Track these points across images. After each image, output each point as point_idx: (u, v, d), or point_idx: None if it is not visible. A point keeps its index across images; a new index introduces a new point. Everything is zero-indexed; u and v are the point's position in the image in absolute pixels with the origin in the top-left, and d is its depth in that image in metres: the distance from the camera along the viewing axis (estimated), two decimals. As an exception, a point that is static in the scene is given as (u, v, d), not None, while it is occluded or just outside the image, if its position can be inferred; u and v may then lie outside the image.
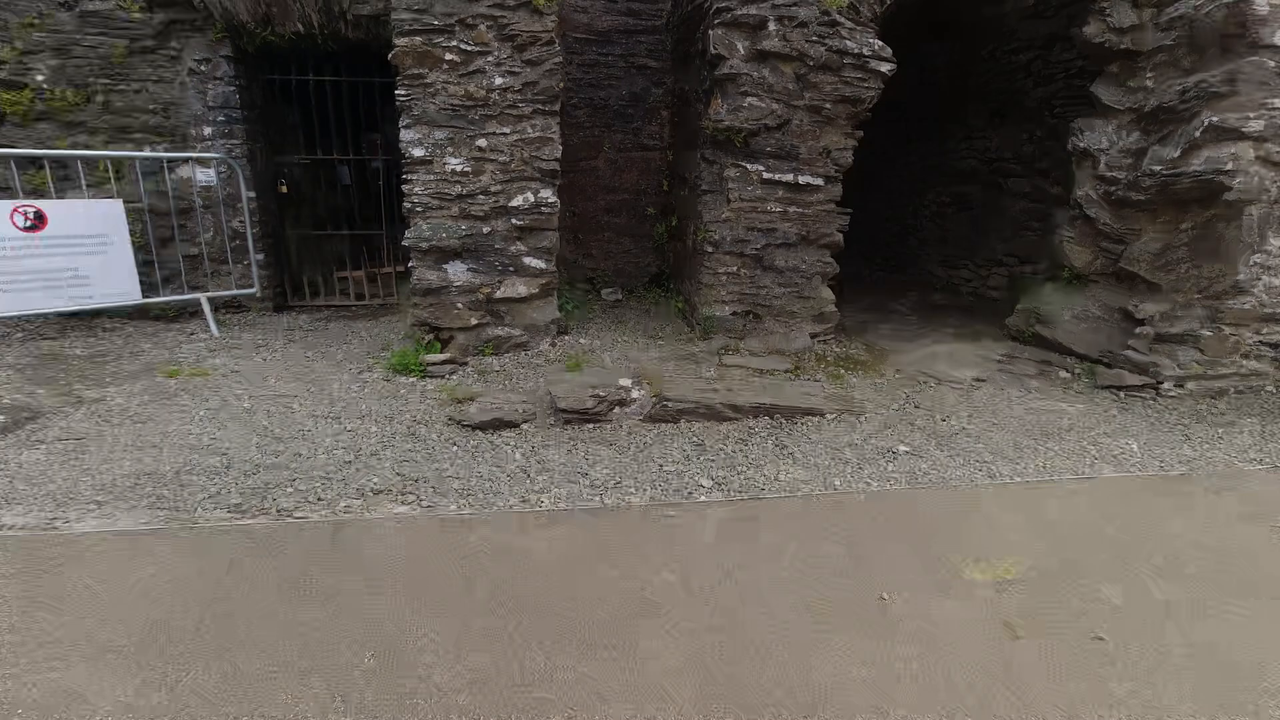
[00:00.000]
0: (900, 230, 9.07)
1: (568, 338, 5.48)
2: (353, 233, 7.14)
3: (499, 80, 4.71)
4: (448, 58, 4.62)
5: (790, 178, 5.20)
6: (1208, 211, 4.62)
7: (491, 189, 4.88)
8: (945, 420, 4.26)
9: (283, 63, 6.22)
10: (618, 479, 3.38)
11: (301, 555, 2.64)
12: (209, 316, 5.76)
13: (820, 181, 5.27)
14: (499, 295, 5.06)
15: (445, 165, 4.78)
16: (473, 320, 5.04)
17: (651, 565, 2.66)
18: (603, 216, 6.88)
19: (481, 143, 4.79)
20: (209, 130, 5.95)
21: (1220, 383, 4.77)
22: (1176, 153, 4.51)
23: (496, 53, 4.66)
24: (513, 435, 3.86)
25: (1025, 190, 6.85)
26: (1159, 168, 4.59)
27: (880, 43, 4.97)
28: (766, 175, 5.18)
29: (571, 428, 3.97)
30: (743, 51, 4.95)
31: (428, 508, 3.07)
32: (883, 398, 4.61)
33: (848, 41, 4.86)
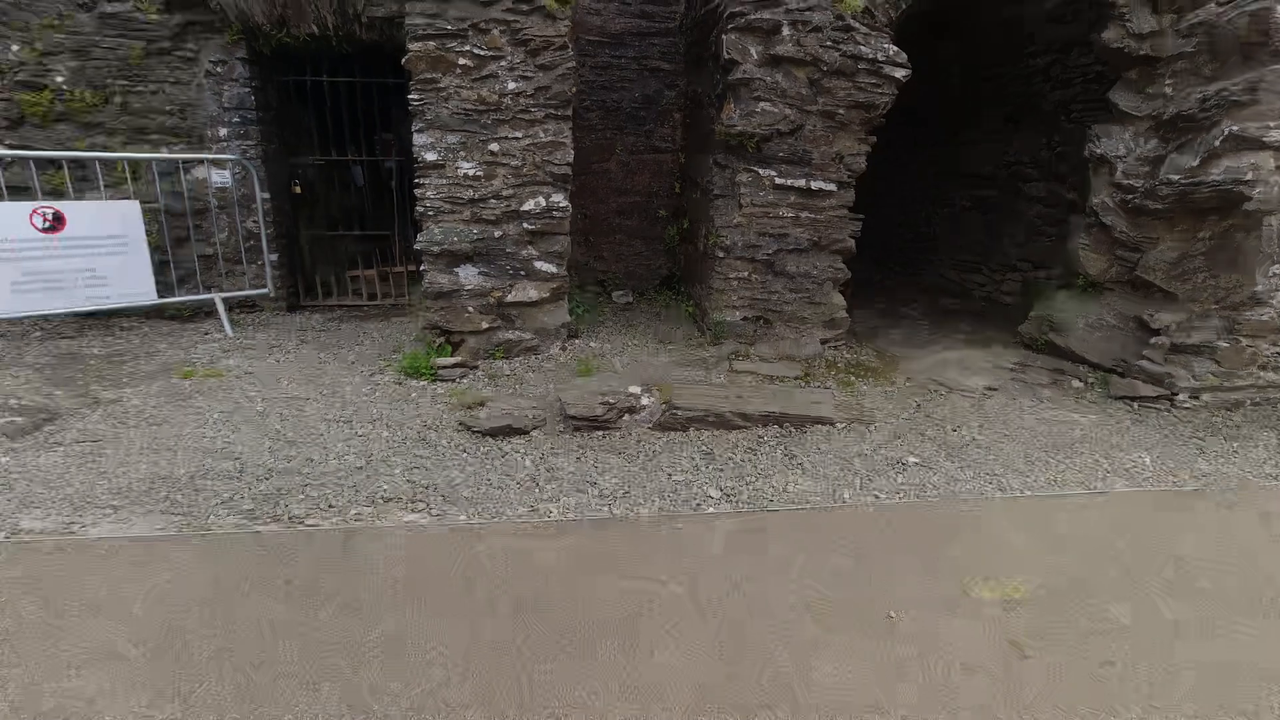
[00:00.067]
0: (913, 233, 9.01)
1: (578, 341, 5.49)
2: (365, 233, 7.17)
3: (512, 85, 4.71)
4: (461, 62, 4.63)
5: (803, 183, 5.18)
6: (1226, 221, 4.56)
7: (503, 193, 4.89)
8: (956, 431, 4.24)
9: (297, 63, 6.26)
10: (626, 488, 3.39)
11: (313, 564, 2.67)
12: (223, 317, 5.81)
13: (833, 187, 5.24)
14: (510, 299, 5.08)
15: (457, 169, 4.80)
16: (484, 324, 5.06)
17: (659, 579, 2.67)
18: (614, 219, 6.88)
19: (494, 147, 4.80)
20: (224, 131, 5.99)
21: (1236, 394, 4.71)
22: (1195, 161, 4.46)
23: (509, 57, 4.67)
24: (522, 442, 3.88)
25: (1041, 195, 6.79)
26: (1177, 176, 4.53)
27: (895, 48, 4.94)
28: (779, 181, 5.16)
29: (581, 435, 3.98)
30: (756, 56, 4.93)
31: (437, 516, 3.09)
32: (893, 406, 4.59)
33: (862, 47, 4.83)
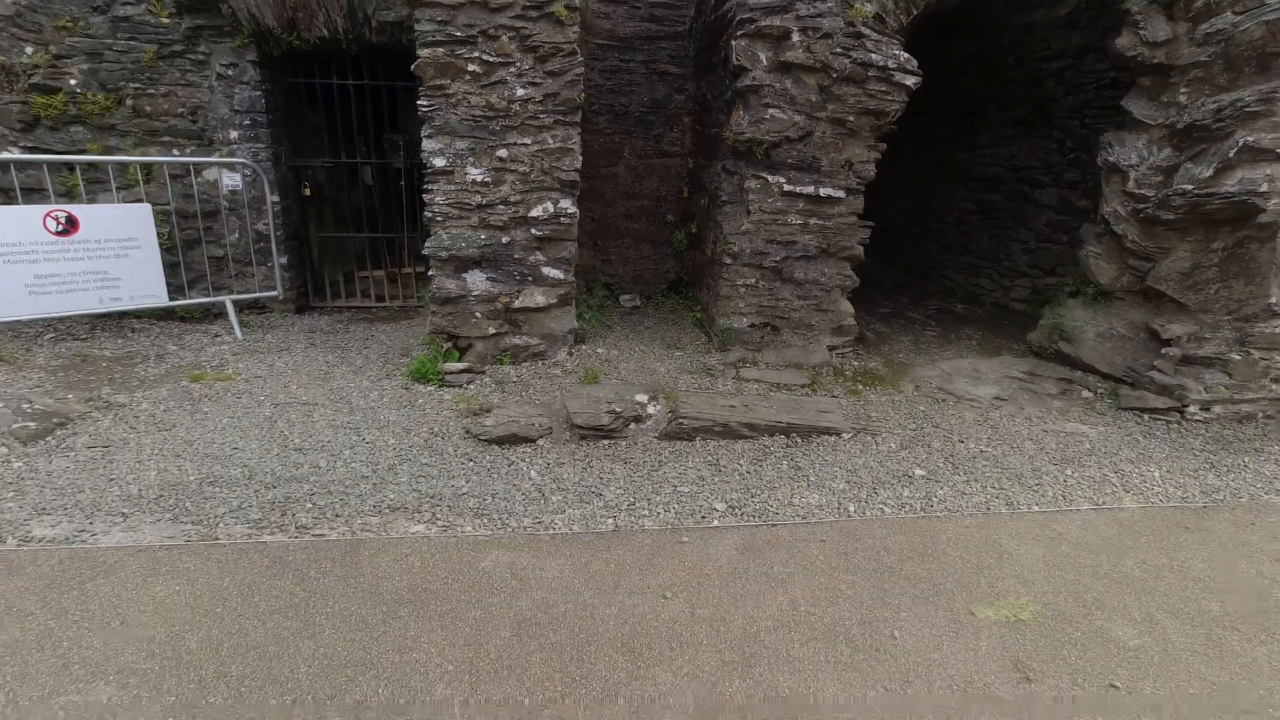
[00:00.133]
0: (922, 235, 8.97)
1: (585, 347, 5.50)
2: (374, 235, 7.20)
3: (520, 91, 4.71)
4: (470, 69, 4.63)
5: (811, 190, 5.16)
6: (1240, 232, 4.52)
7: (511, 199, 4.89)
8: (963, 442, 4.22)
9: (306, 65, 6.28)
10: (632, 500, 3.39)
11: (320, 576, 2.69)
12: (233, 319, 5.85)
13: (842, 194, 5.22)
14: (517, 305, 5.09)
15: (466, 175, 4.80)
16: (491, 329, 5.07)
17: (663, 594, 2.68)
18: (622, 223, 6.87)
19: (502, 153, 4.80)
20: (235, 134, 6.03)
21: (1248, 407, 4.67)
22: (1209, 172, 4.41)
23: (518, 64, 4.67)
24: (528, 450, 3.89)
25: (1051, 202, 6.74)
26: (1190, 187, 4.49)
27: (906, 55, 4.90)
28: (787, 187, 5.14)
29: (587, 444, 3.99)
30: (765, 63, 4.91)
31: (443, 528, 3.10)
32: (900, 416, 4.57)
33: (873, 54, 4.80)
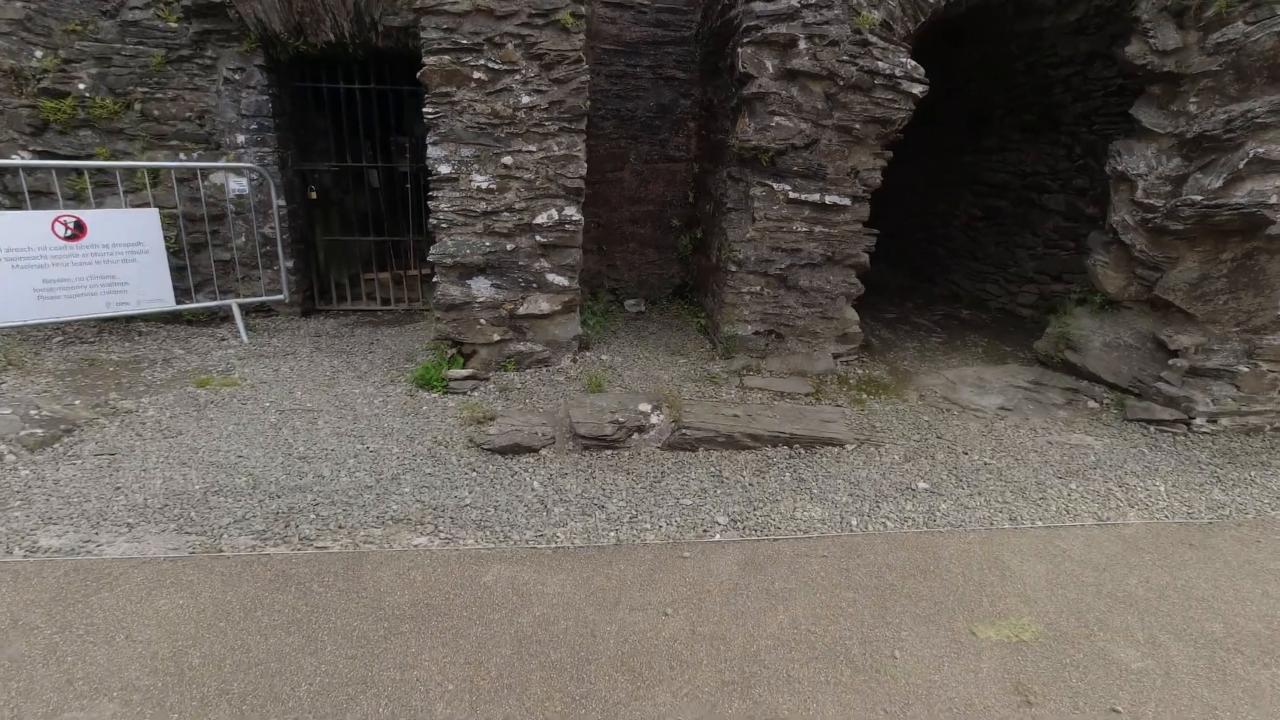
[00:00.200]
0: (928, 239, 8.92)
1: (589, 353, 5.50)
2: (379, 239, 7.23)
3: (526, 98, 4.71)
4: (475, 76, 4.63)
5: (817, 197, 5.14)
6: (1249, 244, 4.49)
7: (516, 206, 4.89)
8: (967, 454, 4.21)
9: (313, 69, 6.30)
10: (634, 513, 3.40)
11: (322, 590, 2.71)
12: (239, 323, 5.88)
13: (848, 201, 5.20)
14: (522, 311, 5.09)
15: (471, 182, 4.81)
16: (495, 336, 5.08)
17: (664, 611, 2.68)
18: (627, 227, 6.87)
19: (507, 160, 4.80)
20: (242, 138, 6.05)
21: (1255, 419, 4.65)
22: (1219, 183, 4.37)
23: (524, 71, 4.66)
24: (531, 460, 3.90)
25: (1059, 208, 6.70)
26: (1199, 197, 4.45)
27: (913, 63, 4.88)
28: (793, 195, 5.13)
29: (590, 454, 3.99)
30: (772, 70, 4.89)
31: (446, 540, 3.12)
32: (904, 426, 4.56)
33: (879, 62, 4.78)
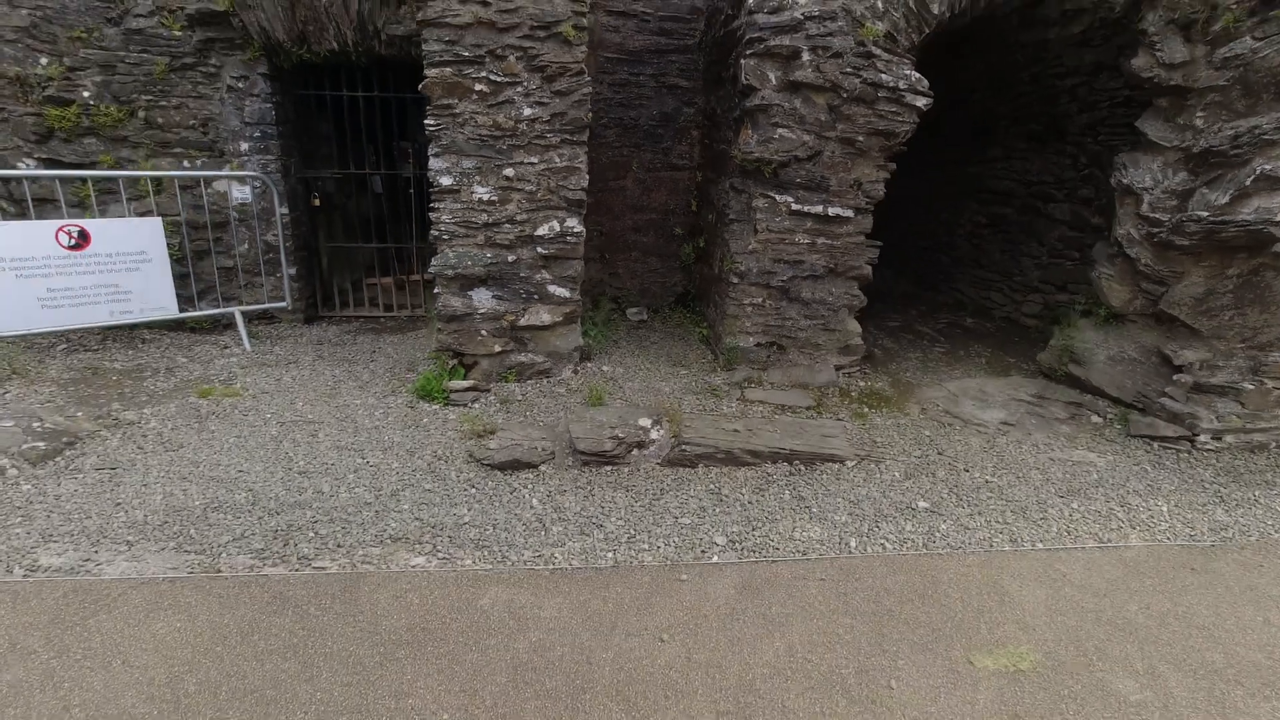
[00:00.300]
0: (933, 247, 8.88)
1: (591, 364, 5.50)
2: (382, 245, 7.24)
3: (528, 111, 4.70)
4: (477, 88, 4.62)
5: (820, 209, 5.12)
6: (1255, 260, 4.45)
7: (518, 218, 4.89)
8: (968, 471, 4.19)
9: (316, 77, 6.31)
10: (632, 533, 3.39)
11: (319, 614, 2.71)
12: (242, 330, 5.89)
13: (850, 213, 5.18)
14: (523, 323, 5.09)
15: (473, 194, 4.80)
16: (496, 347, 5.08)
17: (660, 637, 2.68)
18: (630, 236, 6.86)
19: (509, 172, 4.80)
20: (246, 146, 6.05)
21: (1260, 437, 4.61)
22: (1225, 199, 4.34)
23: (526, 83, 4.65)
24: (531, 477, 3.90)
25: (1064, 217, 6.66)
26: (1205, 213, 4.41)
27: (917, 75, 4.85)
28: (795, 206, 5.10)
29: (589, 470, 3.99)
30: (775, 82, 4.87)
31: (443, 560, 3.12)
32: (905, 442, 4.54)
33: (883, 75, 4.75)
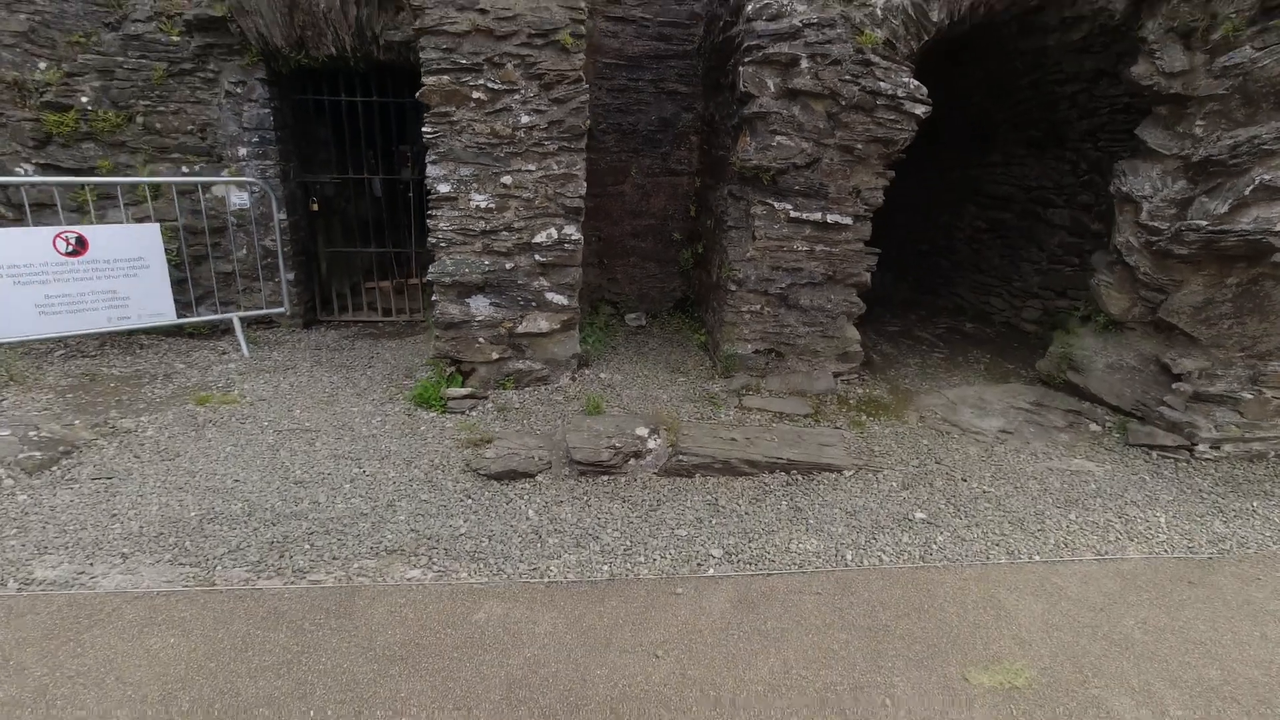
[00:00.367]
0: (932, 250, 8.87)
1: (589, 371, 5.49)
2: (381, 250, 7.24)
3: (525, 118, 4.69)
4: (475, 96, 4.61)
5: (818, 216, 5.11)
6: (1254, 269, 4.44)
7: (515, 225, 4.88)
8: (965, 481, 4.18)
9: (315, 82, 6.30)
10: (628, 544, 3.39)
11: (314, 629, 2.71)
12: (240, 336, 5.89)
13: (849, 220, 5.17)
14: (521, 330, 5.08)
15: (470, 202, 4.80)
16: (494, 354, 5.08)
17: (654, 653, 2.67)
18: (629, 241, 6.85)
19: (506, 179, 4.79)
20: (244, 151, 6.05)
21: (1259, 446, 4.60)
22: (1224, 208, 4.33)
23: (523, 91, 4.65)
24: (527, 486, 3.89)
25: (1064, 223, 6.64)
26: (1204, 222, 4.40)
27: (916, 83, 4.83)
28: (794, 214, 5.10)
29: (586, 480, 3.98)
30: (773, 89, 4.85)
31: (439, 573, 3.11)
32: (904, 451, 4.53)
33: (882, 83, 4.74)
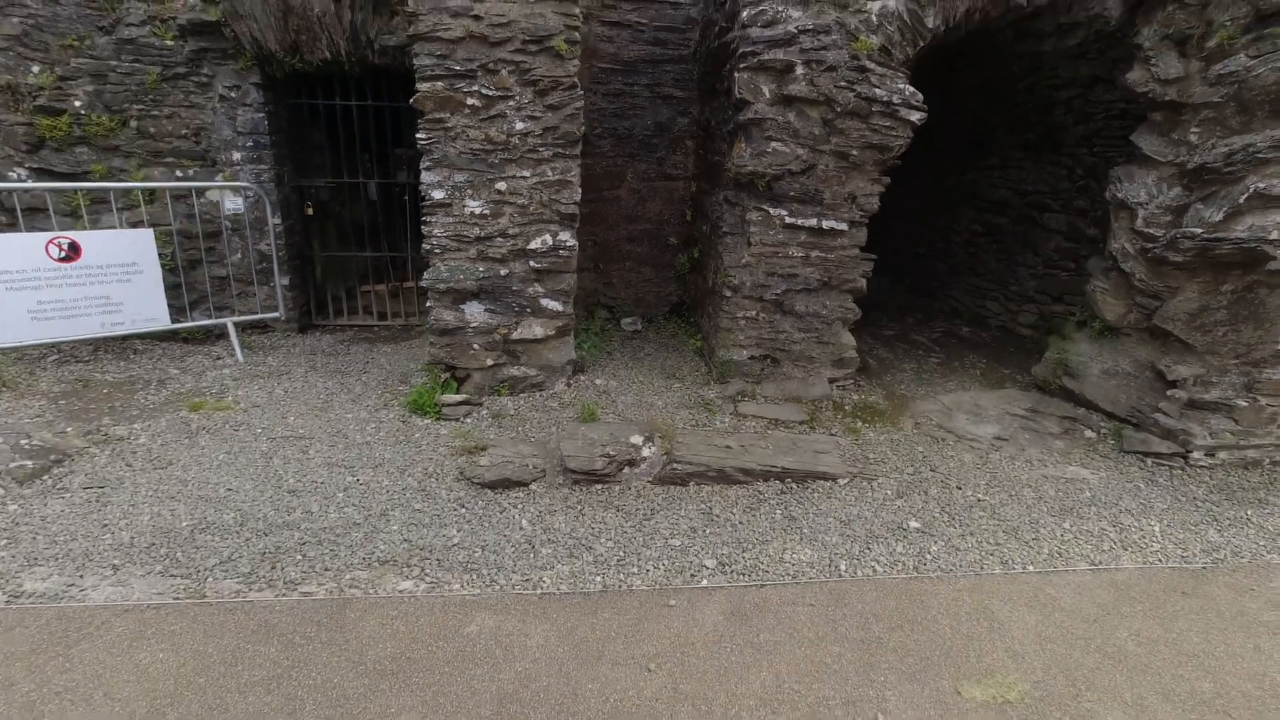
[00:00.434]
0: (929, 253, 8.87)
1: (584, 377, 5.48)
2: (377, 254, 7.23)
3: (520, 125, 4.68)
4: (469, 102, 4.60)
5: (814, 222, 5.10)
6: (1249, 277, 4.43)
7: (510, 231, 4.87)
8: (960, 489, 4.18)
9: (309, 86, 6.28)
10: (622, 555, 3.38)
11: (304, 643, 2.69)
12: (235, 341, 5.87)
13: (845, 226, 5.16)
14: (516, 336, 5.07)
15: (464, 208, 4.78)
16: (489, 360, 5.06)
17: (647, 666, 2.66)
18: (625, 245, 6.84)
19: (501, 186, 4.78)
20: (238, 155, 6.03)
21: (1253, 453, 4.60)
22: (1219, 216, 4.32)
23: (518, 97, 4.63)
24: (521, 495, 3.88)
25: (1060, 228, 6.64)
26: (1199, 230, 4.39)
27: (911, 89, 4.82)
28: (789, 220, 5.09)
29: (580, 489, 3.97)
30: (768, 95, 4.85)
31: (431, 585, 3.10)
32: (898, 458, 4.53)
33: (877, 89, 4.73)
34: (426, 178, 4.73)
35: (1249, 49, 4.12)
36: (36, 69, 5.73)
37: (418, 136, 4.66)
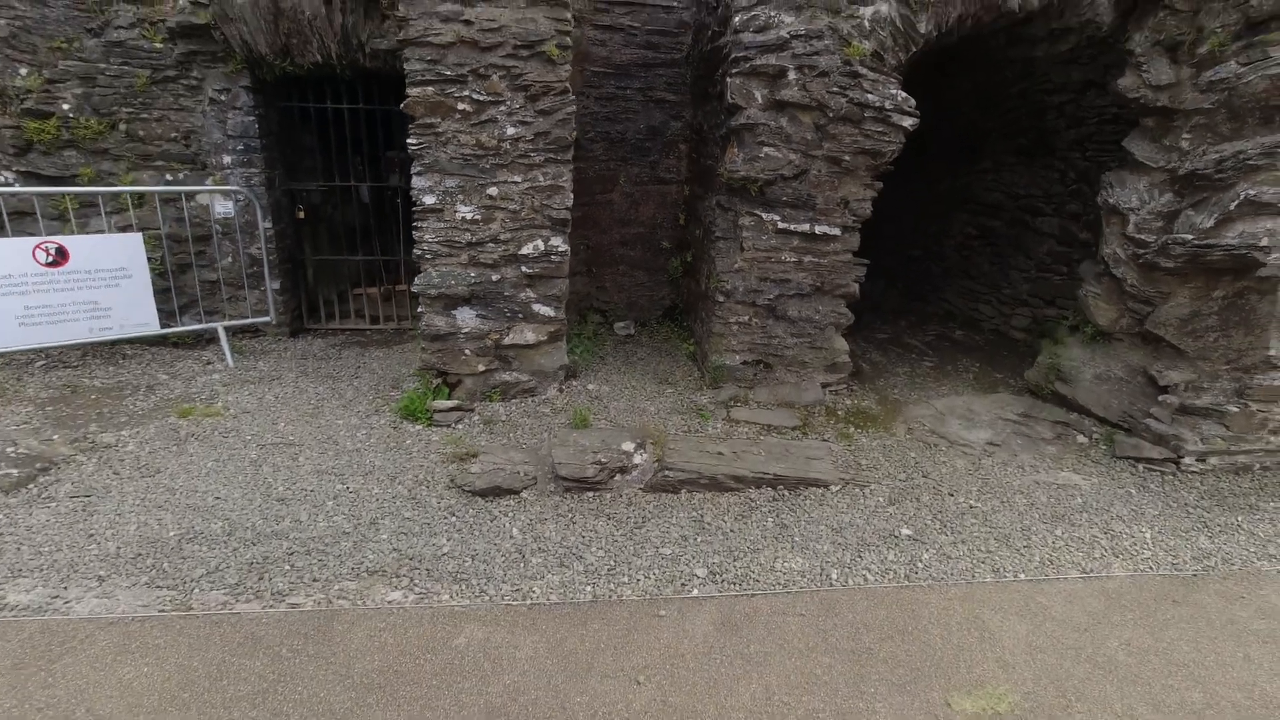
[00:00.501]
0: (923, 256, 8.87)
1: (576, 382, 5.46)
2: (369, 258, 7.19)
3: (511, 130, 4.66)
4: (460, 107, 4.57)
5: (806, 228, 5.09)
6: (1240, 283, 4.44)
7: (501, 237, 4.85)
8: (952, 495, 4.17)
9: (300, 89, 6.25)
10: (612, 564, 3.36)
11: (291, 656, 2.67)
12: (225, 346, 5.83)
13: (837, 231, 5.15)
14: (507, 341, 5.05)
15: (456, 213, 4.76)
16: (480, 366, 5.04)
17: (636, 678, 2.65)
18: (617, 250, 6.82)
19: (492, 191, 4.76)
20: (229, 159, 5.99)
21: (1244, 458, 4.61)
22: (1210, 222, 4.33)
23: (509, 102, 4.61)
24: (512, 504, 3.86)
25: (1053, 231, 6.65)
26: (1190, 236, 4.40)
27: (904, 94, 4.82)
28: (782, 225, 5.08)
29: (571, 496, 3.96)
30: (761, 100, 4.84)
31: (420, 595, 3.08)
32: (891, 464, 4.52)
33: (869, 95, 4.72)
34: (418, 183, 4.71)
35: (1240, 56, 4.13)
36: (24, 71, 5.68)
37: (409, 142, 4.64)
